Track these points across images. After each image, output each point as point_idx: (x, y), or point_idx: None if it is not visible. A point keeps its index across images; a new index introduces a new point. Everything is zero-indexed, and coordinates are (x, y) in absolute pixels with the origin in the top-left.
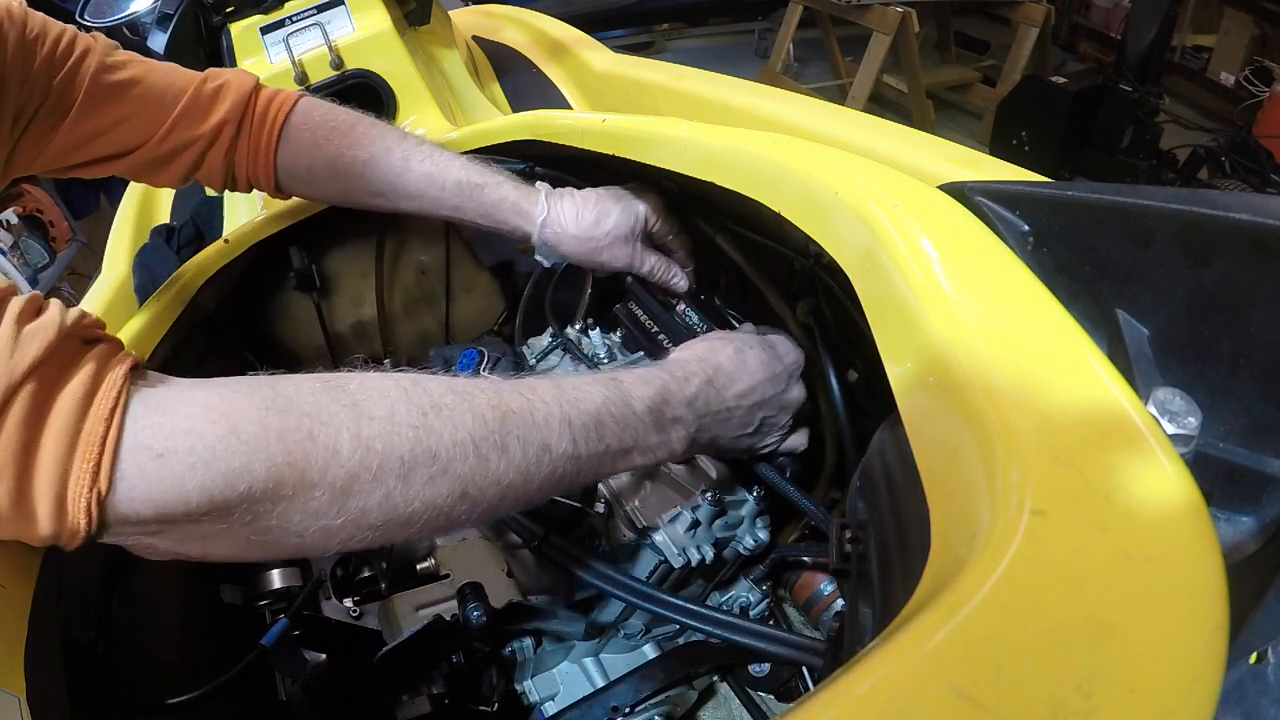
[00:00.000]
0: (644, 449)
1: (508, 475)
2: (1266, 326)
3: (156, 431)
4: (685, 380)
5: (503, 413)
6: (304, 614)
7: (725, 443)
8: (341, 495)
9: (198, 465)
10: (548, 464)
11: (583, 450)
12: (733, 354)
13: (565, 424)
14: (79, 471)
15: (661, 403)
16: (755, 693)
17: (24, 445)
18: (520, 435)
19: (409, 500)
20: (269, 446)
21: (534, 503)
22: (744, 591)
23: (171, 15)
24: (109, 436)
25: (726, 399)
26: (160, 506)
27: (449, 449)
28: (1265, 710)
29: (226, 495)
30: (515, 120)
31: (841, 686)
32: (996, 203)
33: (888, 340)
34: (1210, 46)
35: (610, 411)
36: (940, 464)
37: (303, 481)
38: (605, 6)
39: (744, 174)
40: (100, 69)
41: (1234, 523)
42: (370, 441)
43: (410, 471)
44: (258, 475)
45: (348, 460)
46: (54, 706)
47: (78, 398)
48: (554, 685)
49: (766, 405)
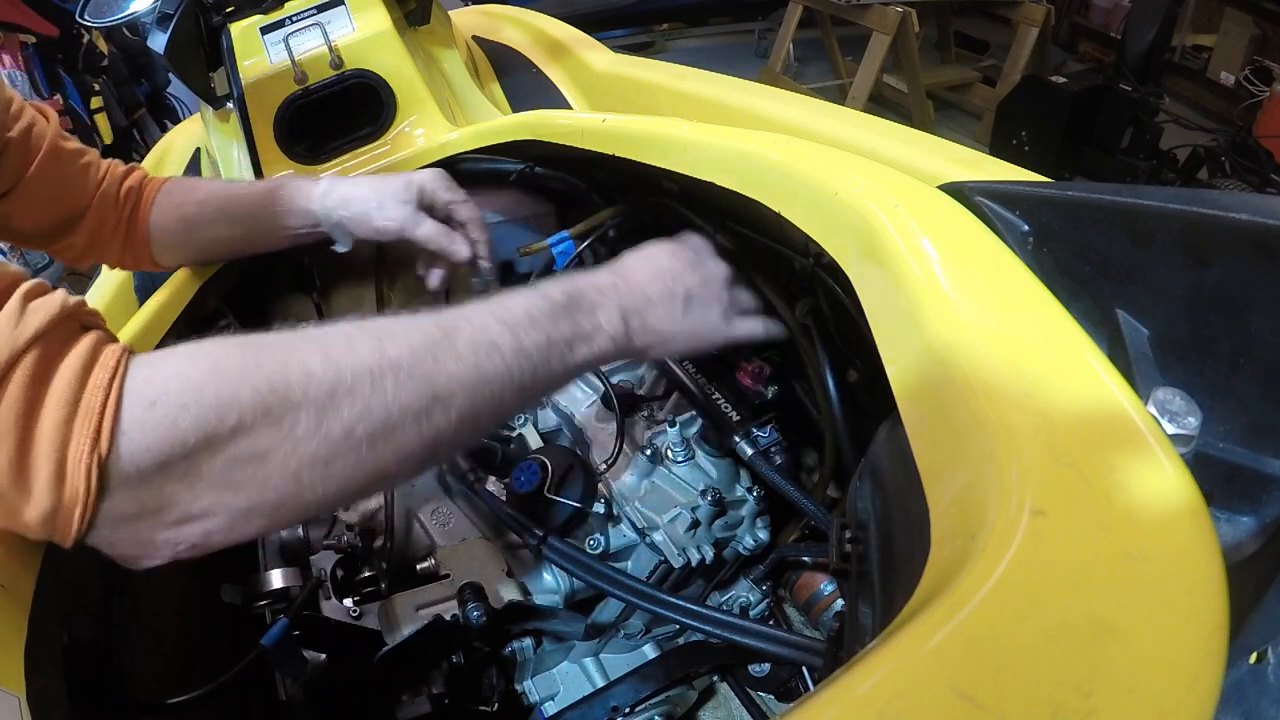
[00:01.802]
0: (583, 336)
1: (467, 374)
2: (1266, 326)
3: (148, 383)
4: (592, 274)
5: (444, 326)
6: (304, 614)
7: (664, 325)
8: (323, 412)
9: (188, 404)
10: (499, 361)
11: (526, 342)
12: (633, 252)
13: (502, 324)
14: (79, 437)
15: (575, 292)
16: (755, 693)
17: (25, 413)
18: (467, 339)
19: (386, 407)
20: (251, 376)
21: (508, 409)
22: (744, 591)
23: (171, 15)
24: (108, 403)
25: (635, 281)
26: (160, 454)
27: (409, 357)
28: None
29: (218, 428)
30: (515, 120)
31: (841, 686)
32: (996, 203)
33: (887, 340)
34: (1210, 46)
35: (537, 305)
36: (940, 464)
37: (286, 403)
38: (605, 6)
39: (744, 174)
40: (56, 134)
41: (1234, 523)
42: (339, 360)
43: (379, 379)
44: (245, 403)
45: (323, 377)
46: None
47: (77, 369)
48: (554, 685)
49: (682, 279)
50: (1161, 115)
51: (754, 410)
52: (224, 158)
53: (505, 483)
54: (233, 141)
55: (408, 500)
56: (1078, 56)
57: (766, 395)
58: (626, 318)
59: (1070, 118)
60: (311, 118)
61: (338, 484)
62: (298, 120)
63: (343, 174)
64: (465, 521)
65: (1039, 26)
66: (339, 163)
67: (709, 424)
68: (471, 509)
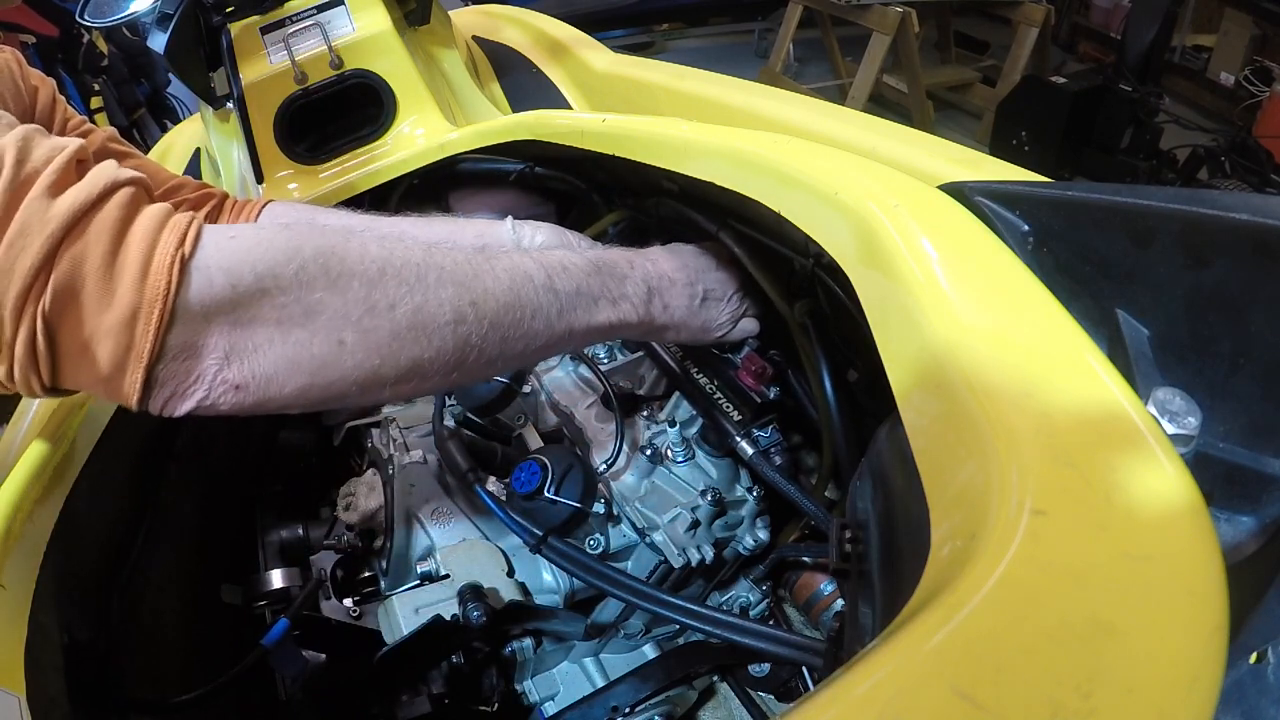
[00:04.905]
0: (610, 298)
1: (502, 292)
2: (1266, 326)
3: (227, 228)
4: (624, 250)
5: (486, 253)
6: (304, 614)
7: (681, 312)
8: (373, 285)
9: (261, 243)
10: (532, 291)
11: (559, 285)
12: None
13: (539, 264)
14: (166, 241)
15: (609, 260)
16: (755, 693)
17: (123, 219)
18: (505, 266)
19: (427, 297)
20: (314, 240)
21: (535, 342)
22: (744, 591)
23: (171, 15)
24: (193, 225)
25: (662, 267)
26: (230, 273)
27: (452, 265)
28: (1265, 710)
29: (284, 268)
30: (515, 120)
31: (841, 686)
32: (996, 203)
33: (888, 340)
34: (1210, 46)
35: (572, 259)
36: (940, 464)
37: (343, 265)
38: (605, 6)
39: (744, 174)
40: (108, 138)
41: (1234, 523)
42: (391, 249)
43: (424, 273)
44: (307, 256)
45: (376, 256)
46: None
47: (166, 208)
48: (554, 685)
49: (702, 278)
50: (1161, 115)
51: (754, 410)
52: (224, 158)
53: (505, 483)
54: (233, 141)
55: (408, 500)
56: (1078, 56)
57: (767, 395)
58: (651, 295)
59: (1070, 118)
60: (311, 118)
61: (377, 359)
62: (298, 120)
63: (342, 174)
64: (465, 521)
65: (1039, 26)
66: (339, 163)
67: (709, 424)
68: (471, 509)
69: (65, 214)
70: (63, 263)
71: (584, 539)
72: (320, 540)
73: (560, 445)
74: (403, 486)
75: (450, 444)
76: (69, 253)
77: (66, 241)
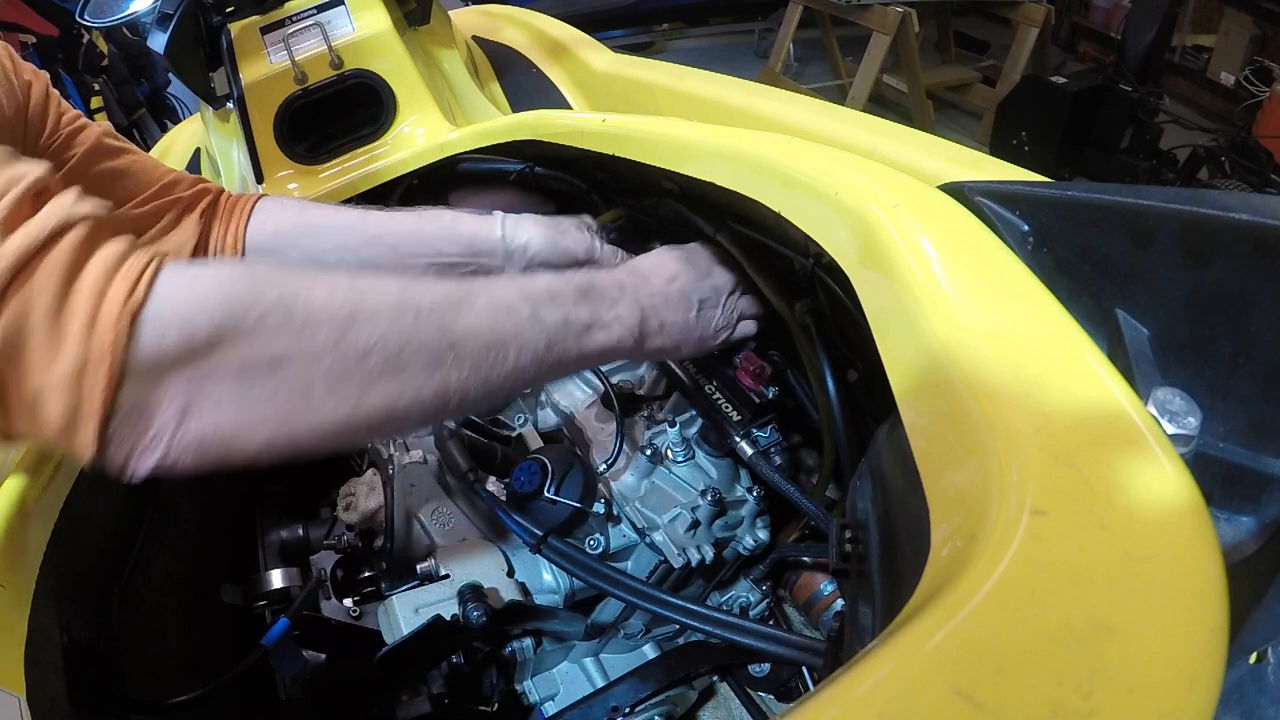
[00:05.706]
0: (601, 324)
1: (483, 330)
2: (1266, 326)
3: (184, 269)
4: (610, 272)
5: (466, 287)
6: (304, 614)
7: (677, 328)
8: (342, 330)
9: (220, 288)
10: (515, 326)
11: (545, 317)
12: (647, 257)
13: (522, 295)
14: (116, 289)
15: (596, 285)
16: (755, 693)
17: (73, 262)
18: (486, 301)
19: (402, 342)
20: (278, 285)
21: (521, 377)
22: (744, 591)
23: (171, 15)
24: (147, 270)
25: (654, 284)
26: (186, 323)
27: (430, 303)
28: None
29: (243, 317)
30: (515, 120)
31: (841, 686)
32: (996, 203)
33: (887, 340)
34: (1210, 46)
35: (558, 287)
36: (940, 464)
37: (308, 312)
38: (605, 6)
39: (744, 174)
40: (104, 133)
41: (1234, 523)
42: (364, 290)
43: (399, 314)
44: (269, 301)
45: (346, 299)
46: (54, 706)
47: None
48: (554, 685)
49: (697, 288)
50: (1161, 115)
51: (754, 410)
52: (224, 158)
53: (505, 483)
54: (233, 141)
55: (408, 500)
56: (1078, 56)
57: (767, 395)
58: (645, 317)
59: (1070, 118)
60: (311, 118)
61: (347, 408)
62: (298, 120)
63: (342, 174)
64: (465, 521)
65: (1039, 26)
66: (339, 163)
67: (709, 424)
68: (471, 509)
69: (13, 255)
70: (9, 309)
71: (584, 539)
72: (320, 540)
73: (560, 445)
74: (403, 486)
75: (450, 444)
76: (16, 297)
77: (14, 285)
